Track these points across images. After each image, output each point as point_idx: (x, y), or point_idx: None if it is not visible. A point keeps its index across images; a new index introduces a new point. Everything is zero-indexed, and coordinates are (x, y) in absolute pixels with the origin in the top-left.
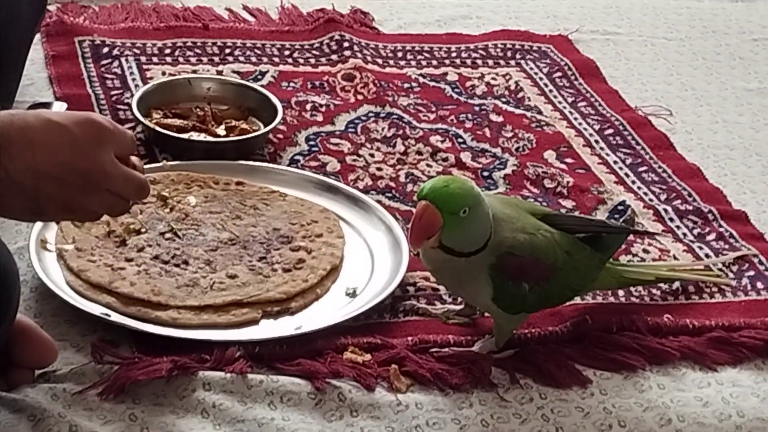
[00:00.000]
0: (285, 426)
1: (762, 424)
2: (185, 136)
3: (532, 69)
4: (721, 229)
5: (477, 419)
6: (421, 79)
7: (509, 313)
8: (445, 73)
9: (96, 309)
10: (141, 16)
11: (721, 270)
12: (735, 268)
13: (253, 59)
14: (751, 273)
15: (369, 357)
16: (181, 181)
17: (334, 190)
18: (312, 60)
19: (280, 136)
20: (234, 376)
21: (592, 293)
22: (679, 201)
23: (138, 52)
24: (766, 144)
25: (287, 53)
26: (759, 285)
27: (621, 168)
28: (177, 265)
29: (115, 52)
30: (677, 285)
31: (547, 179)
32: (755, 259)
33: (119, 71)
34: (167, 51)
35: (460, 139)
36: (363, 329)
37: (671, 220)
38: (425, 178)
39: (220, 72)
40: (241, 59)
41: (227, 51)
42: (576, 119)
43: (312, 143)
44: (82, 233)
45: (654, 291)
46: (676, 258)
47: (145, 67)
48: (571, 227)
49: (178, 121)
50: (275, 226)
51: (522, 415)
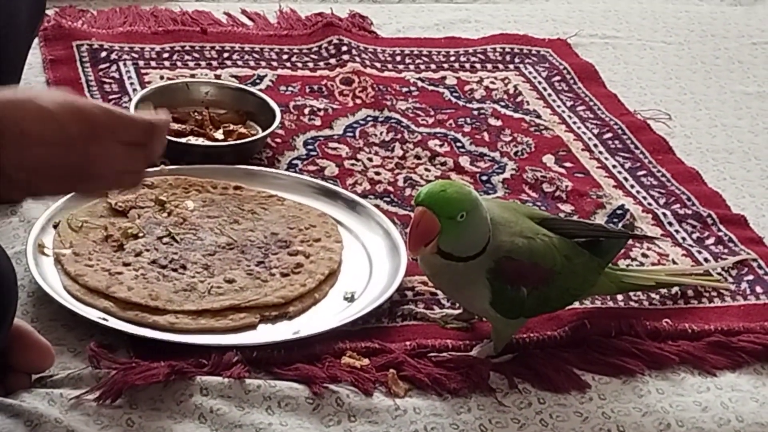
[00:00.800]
0: (283, 431)
1: (761, 428)
2: (183, 140)
3: (530, 73)
4: (720, 234)
5: (475, 424)
6: (420, 83)
7: (507, 318)
8: (444, 77)
9: (93, 313)
10: (139, 20)
11: (720, 274)
12: (734, 272)
13: (252, 63)
14: (750, 277)
15: (367, 362)
16: (179, 186)
17: (332, 194)
18: (310, 64)
19: (278, 140)
20: (231, 380)
21: (590, 298)
22: (678, 205)
23: (136, 56)
24: (765, 148)
25: (285, 57)
26: (758, 289)
27: (620, 172)
28: (175, 270)
29: (113, 56)
30: (676, 289)
31: (546, 183)
32: (754, 264)
33: (117, 75)
34: (165, 55)
35: (458, 144)
36: (361, 334)
37: (670, 224)
38: (423, 182)
39: (218, 76)
40: (240, 63)
41: (225, 55)
42: (575, 123)
43: (310, 147)
44: (79, 238)
45: (653, 295)
46: (675, 262)
47: (143, 72)
48: (570, 231)
49: (176, 126)
50: (273, 230)
51: (520, 420)
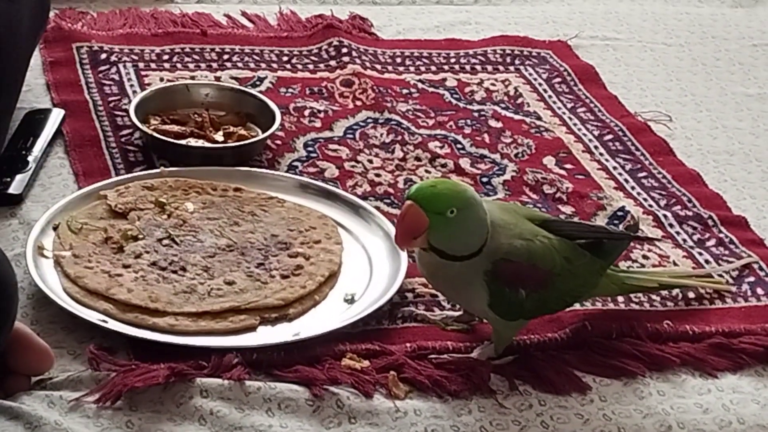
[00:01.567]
0: None
1: (762, 430)
2: (183, 142)
3: (531, 75)
4: (721, 235)
5: (476, 426)
6: (420, 85)
7: (507, 320)
8: (444, 79)
9: (93, 316)
10: (139, 22)
11: (721, 276)
12: (735, 273)
13: (252, 65)
14: (752, 279)
15: (367, 363)
16: (179, 188)
17: (332, 196)
18: (310, 66)
19: (278, 142)
20: (231, 382)
21: (591, 299)
22: (679, 207)
23: (136, 58)
24: (765, 149)
25: (285, 59)
26: (759, 291)
27: (620, 174)
28: (175, 272)
29: (113, 58)
30: (677, 291)
31: (547, 185)
32: (755, 265)
33: (117, 77)
34: (165, 57)
35: (459, 145)
36: (361, 336)
37: (671, 225)
38: None
39: (218, 78)
40: (240, 65)
41: (225, 57)
42: (575, 125)
43: (310, 149)
44: (79, 240)
45: (654, 297)
46: (676, 264)
47: (143, 73)
48: (571, 233)
49: (176, 127)
50: (273, 232)
51: (521, 422)
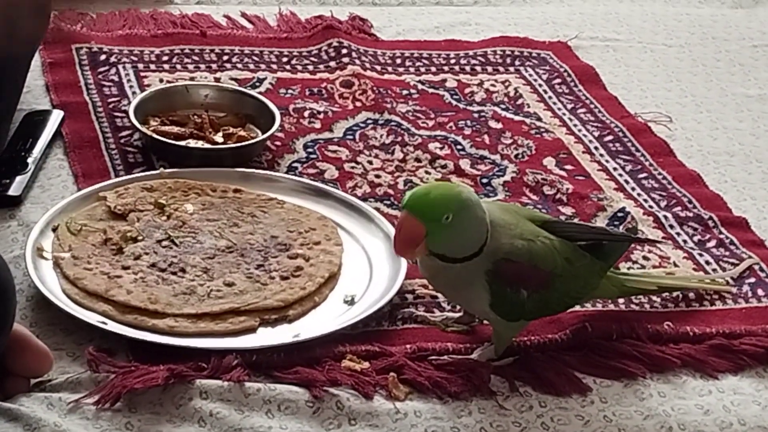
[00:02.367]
0: None
1: None
2: (183, 143)
3: (531, 75)
4: (722, 236)
5: (476, 427)
6: (420, 86)
7: (508, 320)
8: (444, 80)
9: (92, 317)
10: (138, 23)
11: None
12: (732, 292)
13: (251, 66)
14: (752, 280)
15: (367, 365)
16: (179, 189)
17: (332, 197)
18: (310, 67)
19: (278, 143)
20: (231, 384)
21: (591, 301)
22: (680, 208)
23: (135, 59)
24: (766, 150)
25: (285, 60)
26: (760, 292)
27: (621, 175)
28: (174, 273)
29: (113, 59)
30: (677, 292)
31: (547, 186)
32: (756, 266)
33: (116, 78)
34: (165, 58)
35: (459, 146)
36: (361, 337)
37: (671, 226)
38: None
39: (217, 79)
40: (239, 66)
41: (225, 58)
42: (575, 126)
43: (310, 150)
44: (78, 241)
45: (654, 298)
46: (676, 265)
47: (143, 75)
48: (572, 234)
49: (175, 129)
50: (273, 233)
51: (522, 424)
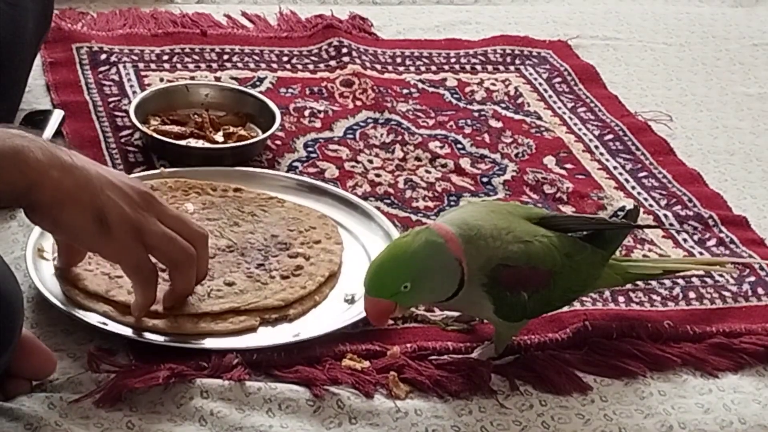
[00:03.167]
0: None
1: (764, 430)
2: (183, 142)
3: (531, 74)
4: (722, 235)
5: (477, 426)
6: (420, 85)
7: (510, 322)
8: (444, 79)
9: (93, 318)
10: (139, 22)
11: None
12: (735, 274)
13: (252, 65)
14: (752, 279)
15: (368, 364)
16: (179, 188)
17: (332, 196)
18: (310, 66)
19: (278, 142)
20: (232, 383)
21: (592, 299)
22: (680, 206)
23: (136, 58)
24: (766, 149)
25: (285, 59)
26: (760, 291)
27: (621, 173)
28: None
29: (113, 58)
30: (677, 291)
31: (547, 185)
32: (756, 265)
33: (117, 78)
34: (165, 57)
35: (459, 145)
36: (361, 336)
37: (671, 225)
38: (424, 184)
39: (218, 78)
40: (239, 65)
41: (225, 57)
42: (576, 125)
43: (310, 149)
44: None
45: (654, 297)
46: None
47: (143, 74)
48: (571, 227)
49: (175, 128)
50: (273, 232)
51: (522, 422)
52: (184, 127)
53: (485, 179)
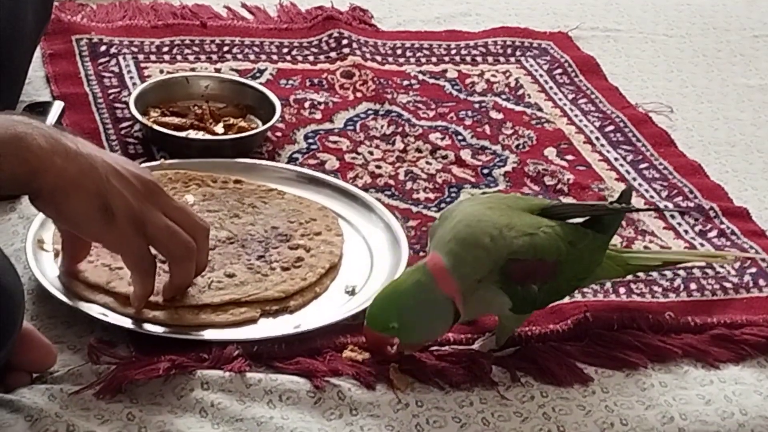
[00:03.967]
0: (284, 425)
1: (765, 421)
2: (183, 134)
3: (532, 66)
4: (723, 226)
5: (478, 417)
6: (421, 77)
7: (520, 314)
8: (445, 71)
9: (93, 309)
10: (139, 14)
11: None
12: (737, 265)
13: (252, 57)
14: (753, 270)
15: (368, 355)
16: (179, 180)
17: (332, 188)
18: (311, 57)
19: (278, 134)
20: (232, 375)
21: (593, 290)
22: (681, 198)
23: (136, 50)
24: (767, 140)
25: (286, 51)
26: (761, 282)
27: (622, 165)
28: None
29: (113, 50)
30: (678, 282)
31: (548, 176)
32: (757, 256)
33: (117, 69)
34: (165, 49)
35: (459, 137)
36: (362, 328)
37: (672, 216)
38: (425, 175)
39: (218, 70)
40: (240, 57)
41: (225, 49)
42: (576, 116)
43: (311, 141)
44: None
45: (655, 288)
46: None
47: (143, 66)
48: (571, 214)
49: (175, 120)
50: (273, 224)
51: (523, 414)
52: (184, 119)
53: (486, 171)
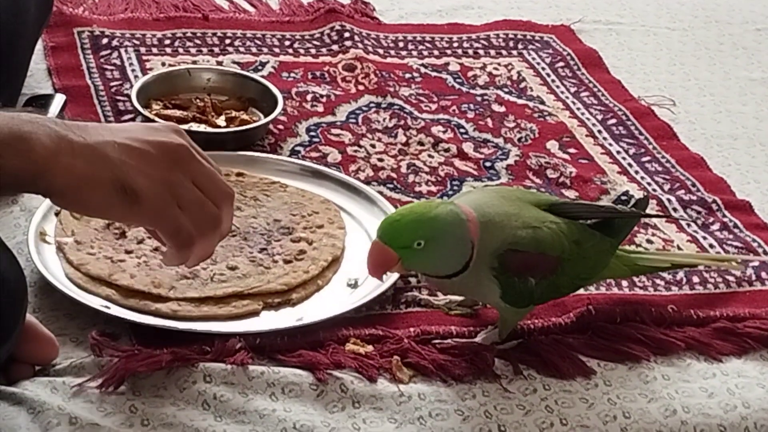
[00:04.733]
0: (286, 417)
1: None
2: (185, 126)
3: (534, 59)
4: (725, 219)
5: (480, 410)
6: (423, 70)
7: (517, 308)
8: (447, 64)
9: (96, 302)
10: (140, 6)
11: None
12: (740, 258)
13: (254, 50)
14: (756, 263)
15: (371, 348)
16: None
17: (334, 181)
18: (312, 50)
19: (280, 126)
20: (235, 367)
21: (596, 284)
22: (683, 191)
23: (137, 42)
24: None
25: (288, 44)
26: (764, 275)
27: (624, 158)
28: None
29: (115, 43)
30: (681, 275)
31: (550, 169)
32: (760, 249)
33: (119, 62)
34: (167, 42)
35: (462, 130)
36: (365, 320)
37: (675, 210)
38: (427, 168)
39: (220, 62)
40: (241, 50)
41: (227, 41)
42: (579, 109)
43: (313, 134)
44: (81, 226)
45: (658, 282)
46: (680, 248)
47: (145, 58)
48: (580, 214)
49: (177, 112)
50: (276, 217)
51: (525, 407)
52: (186, 112)
53: (488, 164)
